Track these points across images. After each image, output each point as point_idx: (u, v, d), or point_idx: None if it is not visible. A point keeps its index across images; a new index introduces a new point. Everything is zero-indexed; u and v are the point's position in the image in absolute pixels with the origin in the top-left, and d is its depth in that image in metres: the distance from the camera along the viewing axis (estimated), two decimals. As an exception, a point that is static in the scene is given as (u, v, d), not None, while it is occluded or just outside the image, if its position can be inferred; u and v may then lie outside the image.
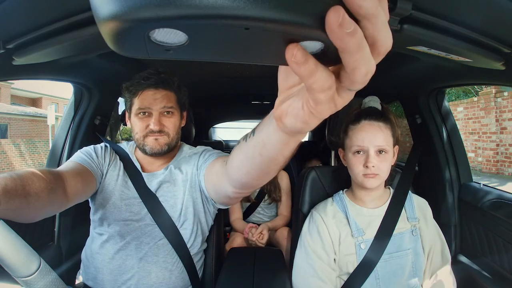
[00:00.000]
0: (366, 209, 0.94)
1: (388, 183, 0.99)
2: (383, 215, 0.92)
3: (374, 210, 0.93)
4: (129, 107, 0.93)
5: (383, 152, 0.87)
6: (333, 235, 0.91)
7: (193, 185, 0.94)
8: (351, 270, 0.89)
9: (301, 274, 0.92)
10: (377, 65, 0.22)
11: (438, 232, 0.96)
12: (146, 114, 0.90)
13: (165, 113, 0.92)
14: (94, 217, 0.94)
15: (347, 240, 0.91)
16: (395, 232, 0.90)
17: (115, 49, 0.23)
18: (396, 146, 0.93)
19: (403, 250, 0.90)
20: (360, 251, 0.89)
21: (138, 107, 0.89)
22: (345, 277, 0.90)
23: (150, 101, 0.89)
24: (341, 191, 1.00)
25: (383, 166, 0.87)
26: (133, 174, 0.94)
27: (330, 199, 1.00)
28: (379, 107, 0.97)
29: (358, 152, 0.89)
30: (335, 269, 0.91)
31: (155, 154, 0.92)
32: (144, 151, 0.93)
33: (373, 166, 0.85)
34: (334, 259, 0.91)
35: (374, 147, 0.87)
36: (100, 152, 0.95)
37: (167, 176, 0.95)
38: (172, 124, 0.93)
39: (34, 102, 15.25)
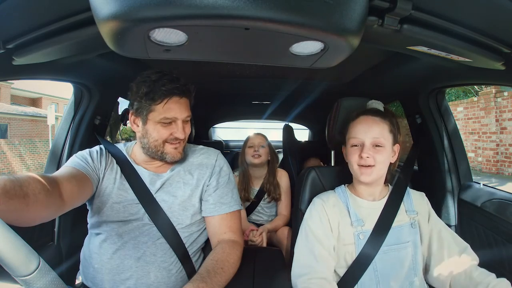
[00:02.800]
0: (366, 201, 0.96)
1: (388, 181, 1.00)
2: (382, 207, 0.94)
3: (374, 203, 0.95)
4: (146, 113, 0.88)
5: (379, 146, 0.90)
6: (332, 222, 0.92)
7: (197, 194, 0.96)
8: (349, 261, 0.90)
9: (299, 259, 0.92)
10: (377, 65, 0.22)
11: (441, 222, 0.97)
12: (170, 122, 0.90)
13: (185, 121, 0.94)
14: (91, 220, 0.94)
15: (346, 229, 0.92)
16: (394, 224, 0.91)
17: (115, 49, 0.23)
18: (397, 145, 0.95)
19: (403, 242, 0.91)
20: (358, 241, 0.90)
21: (164, 116, 0.87)
22: (343, 270, 0.91)
23: (176, 111, 0.89)
24: (343, 185, 1.02)
25: (378, 158, 0.89)
26: (131, 177, 0.94)
27: (332, 191, 1.02)
28: (382, 109, 1.00)
29: (355, 145, 0.92)
30: (334, 258, 0.91)
31: (175, 162, 0.95)
32: (161, 158, 0.93)
33: (367, 157, 0.88)
34: (334, 248, 0.91)
35: (369, 139, 0.90)
36: (95, 156, 0.94)
37: (173, 177, 0.96)
38: (189, 130, 0.95)
39: (34, 102, 15.25)
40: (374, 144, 0.90)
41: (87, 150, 0.97)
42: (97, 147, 0.99)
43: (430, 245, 0.93)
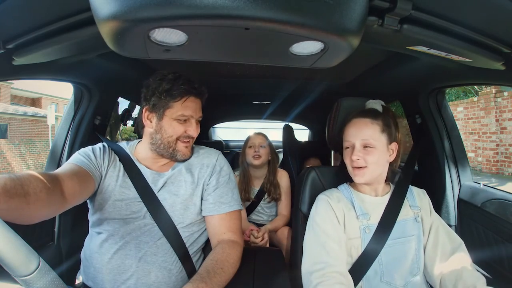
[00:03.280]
0: (369, 196, 0.97)
1: (389, 179, 1.01)
2: (386, 202, 0.95)
3: (377, 198, 0.97)
4: (163, 109, 0.91)
5: (369, 147, 0.91)
6: (339, 216, 0.93)
7: (198, 193, 0.96)
8: (355, 255, 0.90)
9: (310, 255, 0.91)
10: (377, 65, 0.22)
11: (439, 218, 0.98)
12: (185, 120, 0.94)
13: (198, 120, 0.98)
14: (93, 217, 0.94)
15: (352, 223, 0.92)
16: (399, 218, 0.93)
17: (115, 49, 0.23)
18: (394, 144, 0.95)
19: (407, 236, 0.92)
20: (364, 235, 0.91)
21: (181, 113, 0.91)
22: (349, 265, 0.91)
23: (192, 110, 0.94)
24: (345, 183, 1.03)
25: (369, 159, 0.91)
26: (134, 174, 0.94)
27: (334, 188, 1.03)
28: (379, 108, 1.01)
29: (348, 147, 0.96)
30: (344, 252, 0.90)
31: (184, 160, 0.98)
32: (171, 155, 0.95)
33: (358, 159, 0.92)
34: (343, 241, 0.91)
35: (359, 141, 0.93)
36: (98, 153, 0.95)
37: (175, 175, 0.96)
38: (199, 130, 0.99)
39: (34, 102, 15.25)
40: (364, 146, 0.92)
41: (90, 147, 0.97)
42: (100, 144, 0.99)
43: (427, 241, 0.94)
